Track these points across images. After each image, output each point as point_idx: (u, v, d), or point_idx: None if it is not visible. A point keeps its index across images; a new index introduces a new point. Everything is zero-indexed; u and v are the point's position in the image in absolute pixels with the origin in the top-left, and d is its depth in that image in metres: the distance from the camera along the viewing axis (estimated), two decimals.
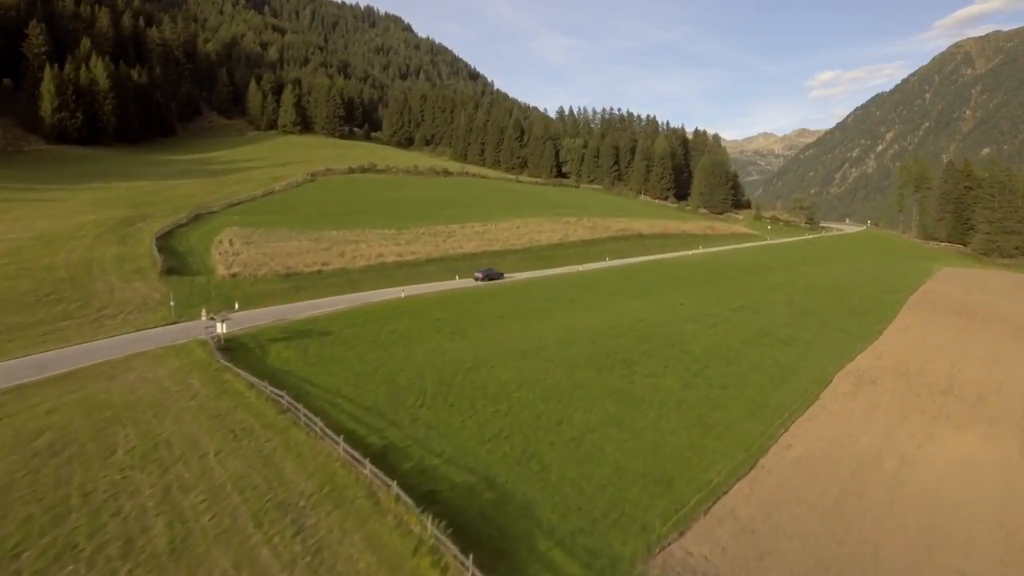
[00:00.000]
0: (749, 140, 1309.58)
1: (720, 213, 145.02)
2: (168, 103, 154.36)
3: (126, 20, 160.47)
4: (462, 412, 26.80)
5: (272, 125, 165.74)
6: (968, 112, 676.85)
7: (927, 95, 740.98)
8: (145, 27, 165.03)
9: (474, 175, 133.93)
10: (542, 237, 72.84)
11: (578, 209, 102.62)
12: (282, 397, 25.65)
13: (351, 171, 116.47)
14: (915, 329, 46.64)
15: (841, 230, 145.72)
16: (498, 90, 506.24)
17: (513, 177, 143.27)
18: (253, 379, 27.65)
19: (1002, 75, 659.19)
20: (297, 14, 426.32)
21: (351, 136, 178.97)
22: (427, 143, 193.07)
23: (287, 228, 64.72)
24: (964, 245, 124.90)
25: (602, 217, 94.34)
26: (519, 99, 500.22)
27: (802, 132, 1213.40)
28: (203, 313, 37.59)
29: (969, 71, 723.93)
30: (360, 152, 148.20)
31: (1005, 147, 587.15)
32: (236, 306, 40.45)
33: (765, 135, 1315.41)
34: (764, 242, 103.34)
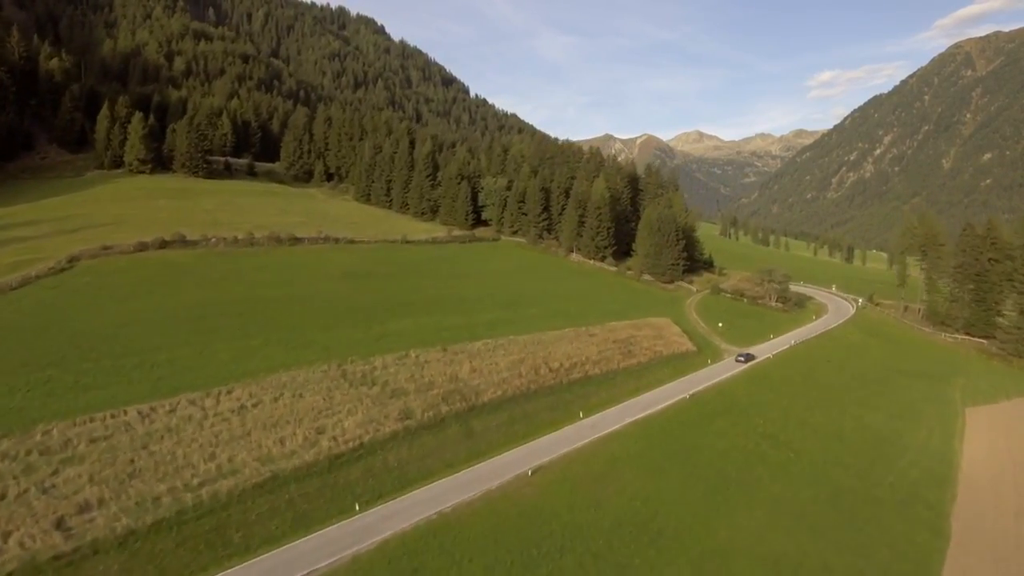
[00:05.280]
0: (747, 140, 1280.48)
1: (669, 282, 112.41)
2: None
3: None
4: None
5: (119, 162, 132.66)
6: (968, 115, 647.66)
7: (926, 97, 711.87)
8: None
9: (336, 240, 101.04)
10: (262, 450, 39.92)
11: (426, 321, 69.72)
12: None
13: (141, 248, 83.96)
14: None
15: (824, 307, 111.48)
16: (474, 96, 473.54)
17: (400, 237, 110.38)
18: None
19: (1003, 77, 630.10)
20: (249, 16, 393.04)
21: (225, 172, 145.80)
22: (329, 178, 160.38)
23: None
24: (986, 339, 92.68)
25: (452, 342, 61.36)
26: (496, 105, 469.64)
27: (799, 133, 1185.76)
28: None
29: (969, 73, 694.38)
30: (209, 202, 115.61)
31: (1007, 153, 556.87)
32: None
33: (762, 136, 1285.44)
34: (695, 386, 63.32)
